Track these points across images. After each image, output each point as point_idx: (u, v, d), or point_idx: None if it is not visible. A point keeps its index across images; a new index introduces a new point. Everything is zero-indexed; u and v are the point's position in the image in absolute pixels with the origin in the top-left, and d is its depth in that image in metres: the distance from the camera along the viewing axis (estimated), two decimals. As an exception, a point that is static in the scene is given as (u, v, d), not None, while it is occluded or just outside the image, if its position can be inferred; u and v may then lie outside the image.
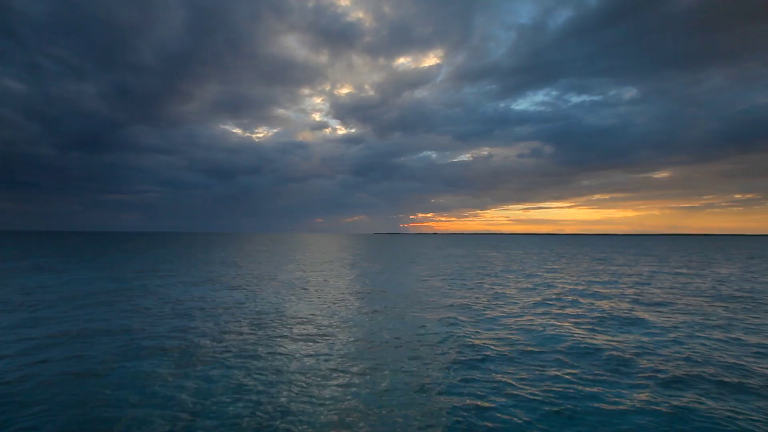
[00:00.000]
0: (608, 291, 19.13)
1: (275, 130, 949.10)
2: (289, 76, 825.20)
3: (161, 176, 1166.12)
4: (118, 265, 31.19)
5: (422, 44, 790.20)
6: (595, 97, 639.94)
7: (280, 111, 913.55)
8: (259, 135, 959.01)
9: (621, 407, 6.53)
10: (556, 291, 19.03)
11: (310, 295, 17.29)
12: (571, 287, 20.41)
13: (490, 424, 5.99)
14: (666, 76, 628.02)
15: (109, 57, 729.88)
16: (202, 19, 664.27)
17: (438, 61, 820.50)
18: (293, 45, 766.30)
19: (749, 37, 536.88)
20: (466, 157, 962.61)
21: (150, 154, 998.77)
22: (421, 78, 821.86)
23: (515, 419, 6.16)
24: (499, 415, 6.28)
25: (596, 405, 6.62)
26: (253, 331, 11.11)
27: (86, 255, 42.34)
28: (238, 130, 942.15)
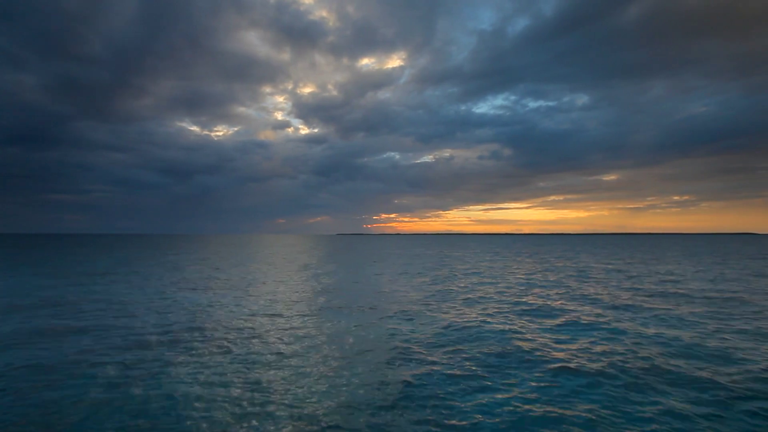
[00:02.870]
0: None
1: (235, 129, 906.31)
2: (250, 74, 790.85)
3: (112, 175, 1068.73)
4: (52, 268, 28.30)
5: (386, 46, 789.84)
6: (550, 103, 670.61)
7: (241, 109, 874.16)
8: (218, 133, 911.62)
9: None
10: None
11: (263, 298, 16.61)
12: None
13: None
14: (614, 84, 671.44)
15: (53, 46, 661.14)
16: (158, 11, 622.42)
17: (401, 63, 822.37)
18: (254, 41, 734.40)
19: (686, 52, 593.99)
20: (428, 158, 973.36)
21: (99, 151, 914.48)
22: (385, 79, 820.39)
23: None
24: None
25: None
26: (200, 337, 10.40)
27: (14, 258, 38.12)
28: (195, 128, 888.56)
